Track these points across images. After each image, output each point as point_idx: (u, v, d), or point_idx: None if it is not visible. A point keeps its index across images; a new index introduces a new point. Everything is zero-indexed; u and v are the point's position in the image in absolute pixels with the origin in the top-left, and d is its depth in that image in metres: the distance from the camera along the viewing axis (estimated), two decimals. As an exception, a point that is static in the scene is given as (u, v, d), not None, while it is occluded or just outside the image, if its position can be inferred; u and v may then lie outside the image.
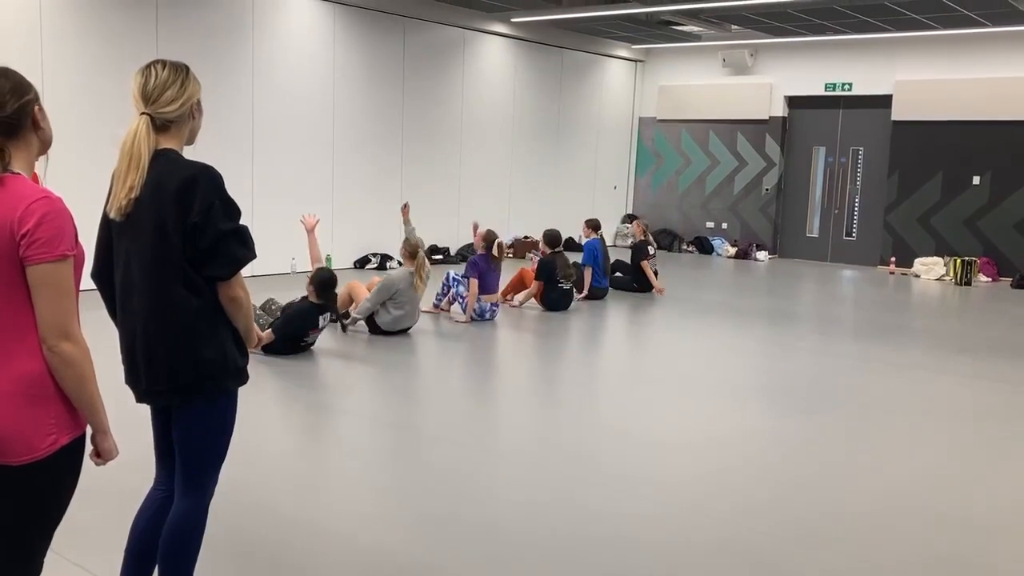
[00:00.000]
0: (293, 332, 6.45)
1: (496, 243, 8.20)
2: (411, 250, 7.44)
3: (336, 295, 6.81)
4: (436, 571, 3.26)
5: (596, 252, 9.55)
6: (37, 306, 1.94)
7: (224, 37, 9.78)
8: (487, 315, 8.20)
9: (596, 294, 9.52)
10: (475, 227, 8.58)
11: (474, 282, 8.00)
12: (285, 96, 10.48)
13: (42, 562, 2.10)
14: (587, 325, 8.32)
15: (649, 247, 10.32)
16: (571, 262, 9.20)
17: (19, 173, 1.98)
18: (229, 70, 9.83)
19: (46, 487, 2.01)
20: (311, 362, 6.44)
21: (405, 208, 8.04)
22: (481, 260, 8.13)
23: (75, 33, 8.57)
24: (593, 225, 9.85)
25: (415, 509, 3.82)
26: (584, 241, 9.88)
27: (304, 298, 6.63)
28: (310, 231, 6.63)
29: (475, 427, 5.15)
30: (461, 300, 8.23)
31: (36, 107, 2.04)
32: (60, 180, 6.63)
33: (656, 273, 10.20)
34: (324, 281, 6.58)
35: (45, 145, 2.10)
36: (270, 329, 6.37)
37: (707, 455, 4.71)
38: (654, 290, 10.01)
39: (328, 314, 6.68)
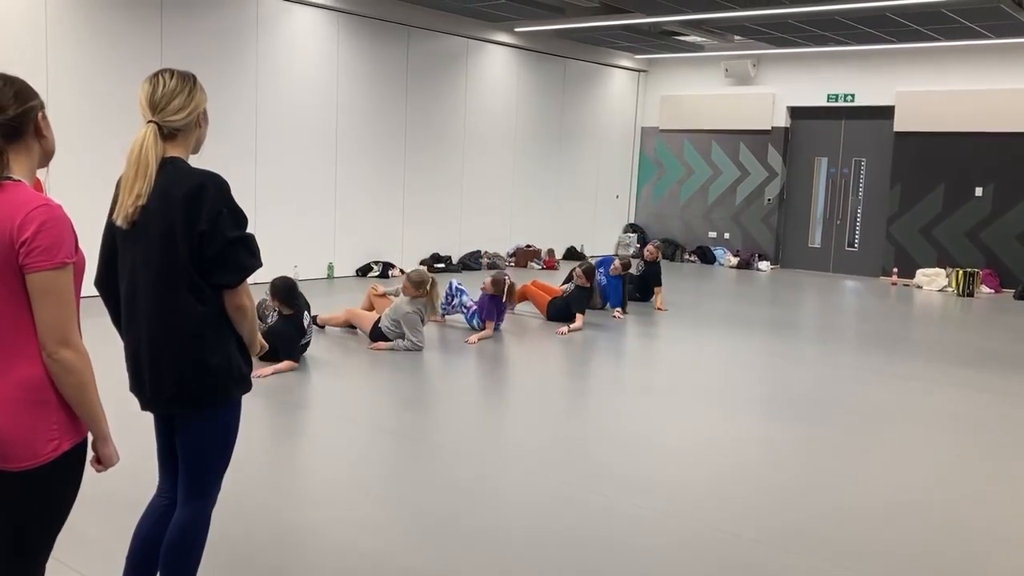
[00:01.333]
0: (300, 347, 6.47)
1: (507, 288, 8.06)
2: (417, 282, 7.22)
3: (302, 295, 6.69)
4: (437, 580, 3.25)
5: (620, 291, 9.56)
6: (37, 313, 1.94)
7: (228, 44, 9.81)
8: (476, 323, 8.16)
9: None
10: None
11: (491, 324, 7.93)
12: (288, 103, 10.50)
13: (44, 568, 2.10)
14: (590, 335, 8.31)
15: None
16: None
17: (19, 180, 1.98)
18: (233, 77, 9.86)
19: (48, 492, 2.02)
20: (313, 370, 6.43)
21: None
22: (490, 301, 8.00)
23: (79, 38, 8.59)
24: (627, 265, 9.80)
25: (416, 516, 3.82)
26: (611, 275, 9.64)
27: (278, 317, 6.52)
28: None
29: (477, 434, 5.14)
30: (465, 311, 8.21)
31: (40, 114, 2.04)
32: (62, 184, 6.65)
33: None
34: (288, 288, 6.51)
35: (48, 154, 2.11)
36: (288, 362, 6.31)
37: (708, 463, 4.70)
38: (656, 307, 9.94)
39: (308, 314, 6.63)
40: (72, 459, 2.03)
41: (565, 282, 9.38)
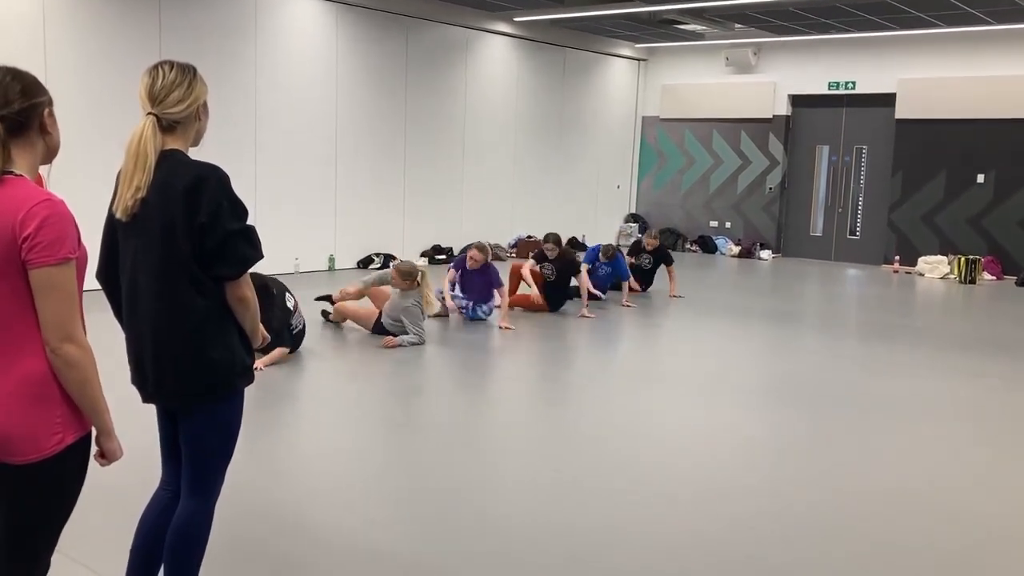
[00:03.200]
0: (290, 332, 6.38)
1: (491, 255, 8.02)
2: (405, 272, 7.07)
3: (279, 285, 6.47)
4: (440, 573, 3.26)
5: (623, 267, 9.60)
6: (40, 309, 1.94)
7: (227, 38, 9.79)
8: (480, 312, 8.13)
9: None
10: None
11: (502, 290, 7.98)
12: (288, 96, 10.48)
13: (49, 561, 2.10)
14: (591, 326, 8.31)
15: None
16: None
17: (21, 175, 1.98)
18: (232, 70, 9.84)
19: (53, 486, 2.02)
20: (316, 362, 6.44)
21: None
22: (481, 275, 8.00)
23: (77, 32, 8.58)
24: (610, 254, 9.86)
25: (421, 506, 3.82)
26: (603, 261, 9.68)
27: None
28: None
29: (481, 425, 5.15)
30: (464, 302, 8.18)
31: (46, 111, 2.04)
32: (61, 179, 6.64)
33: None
34: (260, 287, 6.25)
35: (52, 152, 2.10)
36: (280, 349, 6.23)
37: (710, 453, 4.71)
38: (670, 294, 9.99)
39: (290, 294, 6.46)
40: (76, 453, 2.04)
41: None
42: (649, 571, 3.30)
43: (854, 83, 13.68)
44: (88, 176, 7.88)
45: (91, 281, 2.28)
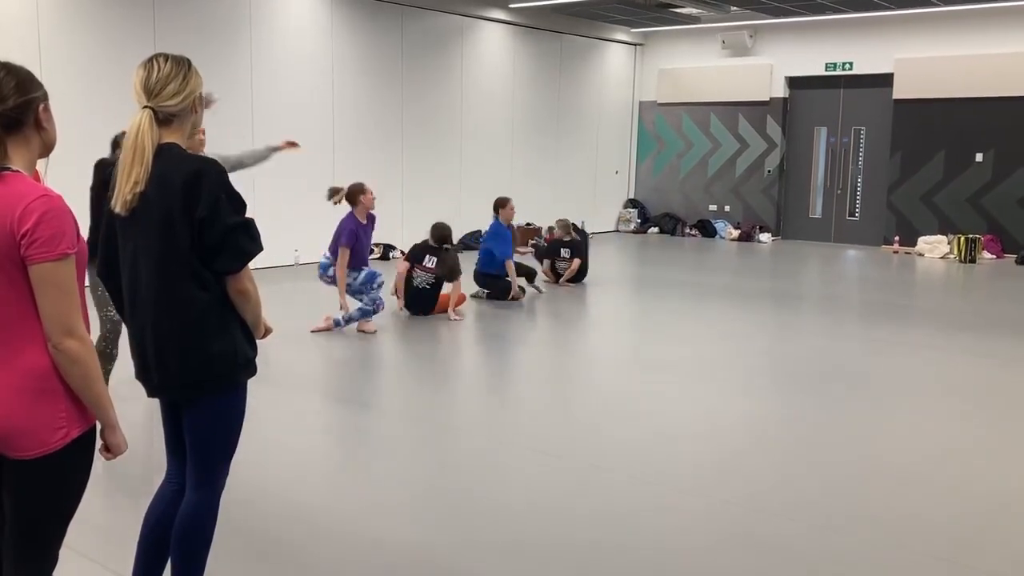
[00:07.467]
0: None
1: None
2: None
3: None
4: (445, 562, 3.27)
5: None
6: (40, 304, 1.94)
7: (222, 29, 9.76)
8: (375, 306, 6.90)
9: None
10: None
11: (345, 252, 6.57)
12: (284, 87, 10.46)
13: (57, 554, 2.12)
14: (586, 309, 8.30)
15: (562, 249, 9.70)
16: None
17: (18, 171, 1.98)
18: (227, 62, 9.82)
19: (58, 480, 2.03)
20: (318, 350, 6.44)
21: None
22: (349, 220, 6.88)
23: (72, 27, 8.55)
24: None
25: (423, 495, 3.84)
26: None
27: None
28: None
29: (480, 415, 5.16)
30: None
31: (41, 106, 2.03)
32: (57, 175, 6.63)
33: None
34: None
35: (48, 147, 2.10)
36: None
37: (715, 439, 4.71)
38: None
39: None
40: (81, 447, 2.05)
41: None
42: (649, 548, 3.31)
43: (851, 64, 13.64)
44: (84, 171, 7.87)
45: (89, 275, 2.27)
